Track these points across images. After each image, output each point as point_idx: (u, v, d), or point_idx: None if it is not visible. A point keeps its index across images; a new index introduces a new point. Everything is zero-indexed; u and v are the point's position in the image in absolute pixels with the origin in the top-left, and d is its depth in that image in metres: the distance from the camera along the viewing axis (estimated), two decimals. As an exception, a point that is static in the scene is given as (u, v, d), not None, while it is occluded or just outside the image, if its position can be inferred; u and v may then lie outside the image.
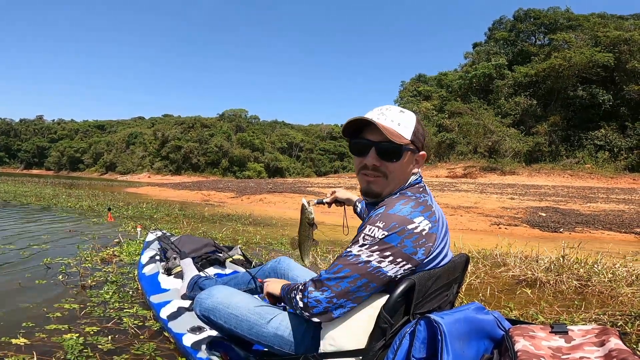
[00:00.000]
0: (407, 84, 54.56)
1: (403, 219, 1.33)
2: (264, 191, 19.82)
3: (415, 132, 1.45)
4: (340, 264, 1.35)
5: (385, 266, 1.32)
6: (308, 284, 1.42)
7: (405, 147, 1.43)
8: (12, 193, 13.66)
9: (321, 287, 1.36)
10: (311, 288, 1.39)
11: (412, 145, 1.45)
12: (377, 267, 1.31)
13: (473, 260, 4.47)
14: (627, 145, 32.12)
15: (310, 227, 1.95)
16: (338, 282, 1.34)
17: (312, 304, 1.37)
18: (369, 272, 1.32)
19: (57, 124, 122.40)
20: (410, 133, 1.44)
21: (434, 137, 39.33)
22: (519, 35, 46.14)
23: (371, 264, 1.31)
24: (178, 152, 78.46)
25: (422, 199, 1.43)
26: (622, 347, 1.12)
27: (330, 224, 10.34)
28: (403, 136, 1.42)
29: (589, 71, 34.52)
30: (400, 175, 1.47)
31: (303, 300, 1.40)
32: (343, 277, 1.33)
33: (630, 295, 3.15)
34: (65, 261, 4.08)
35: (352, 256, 1.34)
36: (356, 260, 1.32)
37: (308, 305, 1.38)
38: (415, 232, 1.33)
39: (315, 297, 1.37)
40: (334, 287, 1.34)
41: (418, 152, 1.50)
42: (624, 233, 9.79)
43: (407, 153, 1.45)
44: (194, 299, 1.79)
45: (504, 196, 15.90)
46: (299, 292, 1.44)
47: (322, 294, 1.36)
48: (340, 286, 1.34)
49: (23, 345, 2.18)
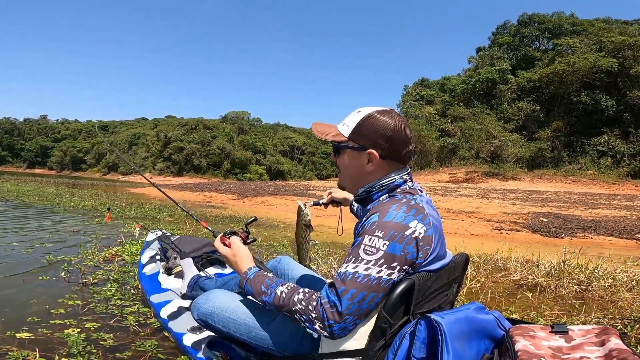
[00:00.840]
0: (410, 88, 54.61)
1: (400, 226, 1.33)
2: (265, 194, 19.83)
3: (355, 130, 1.49)
4: (353, 288, 1.32)
5: (394, 276, 1.34)
6: (324, 314, 1.35)
7: (341, 144, 1.53)
8: (15, 192, 13.69)
9: (342, 318, 1.33)
10: (332, 321, 1.34)
11: (352, 143, 1.50)
12: (389, 280, 1.33)
13: (474, 264, 4.47)
14: (630, 152, 32.06)
15: (307, 228, 1.95)
16: (358, 308, 1.33)
17: (338, 334, 1.36)
18: (383, 287, 1.33)
19: (60, 124, 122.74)
20: (348, 131, 1.50)
21: (436, 142, 39.30)
22: (522, 40, 46.18)
23: (382, 278, 1.32)
24: (180, 154, 78.62)
25: (413, 202, 1.42)
26: (622, 347, 1.12)
27: (330, 226, 10.34)
28: (342, 134, 1.51)
29: (592, 76, 34.51)
30: (351, 172, 1.56)
31: (327, 331, 1.36)
32: (361, 301, 1.32)
33: (630, 300, 3.15)
34: (67, 259, 4.10)
35: (361, 277, 1.32)
36: (369, 281, 1.32)
37: (335, 335, 1.36)
38: (414, 236, 1.34)
39: (339, 328, 1.34)
40: (355, 312, 1.33)
41: (363, 150, 1.49)
42: (625, 239, 9.77)
43: (346, 150, 1.54)
44: (193, 301, 1.79)
45: (505, 201, 15.87)
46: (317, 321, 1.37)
47: (344, 323, 1.34)
48: (361, 310, 1.33)
49: (27, 339, 2.20)
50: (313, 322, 1.37)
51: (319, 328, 1.36)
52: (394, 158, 1.49)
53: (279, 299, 1.44)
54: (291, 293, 1.43)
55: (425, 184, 26.92)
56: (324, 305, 1.36)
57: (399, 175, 1.50)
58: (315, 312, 1.37)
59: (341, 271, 1.37)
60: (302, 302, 1.40)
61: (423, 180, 31.44)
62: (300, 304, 1.40)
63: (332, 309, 1.34)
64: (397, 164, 1.51)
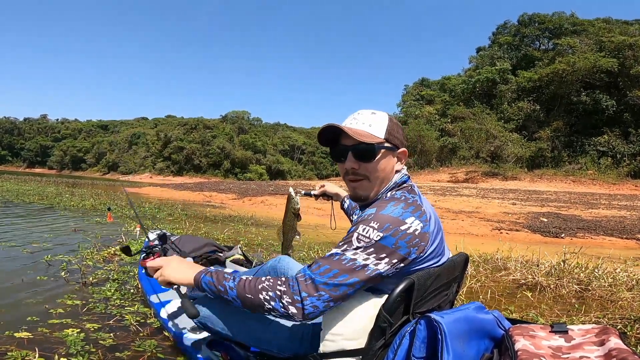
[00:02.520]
0: (410, 87, 54.60)
1: (396, 220, 1.33)
2: (265, 193, 19.82)
3: (389, 130, 1.48)
4: (336, 268, 1.30)
5: (381, 267, 1.31)
6: (296, 286, 1.31)
7: (378, 145, 1.46)
8: (15, 191, 13.70)
9: (317, 292, 1.29)
10: (305, 293, 1.29)
11: (387, 143, 1.48)
12: (375, 270, 1.31)
13: (474, 264, 4.47)
14: (630, 152, 32.03)
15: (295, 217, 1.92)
16: (336, 287, 1.29)
17: (308, 310, 1.30)
18: (367, 275, 1.30)
19: (60, 124, 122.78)
20: (383, 131, 1.46)
21: (436, 142, 39.28)
22: (523, 39, 46.14)
23: (368, 267, 1.30)
24: (180, 153, 78.57)
25: (411, 200, 1.43)
26: (622, 347, 1.12)
27: (330, 226, 10.31)
28: (375, 135, 1.45)
29: (592, 76, 34.48)
30: (382, 175, 1.49)
31: (296, 306, 1.30)
32: (341, 282, 1.29)
33: (630, 299, 3.15)
34: (66, 259, 4.10)
35: (347, 260, 1.30)
36: (353, 265, 1.30)
37: (304, 312, 1.30)
38: (408, 232, 1.33)
39: (312, 303, 1.29)
40: (332, 291, 1.29)
41: (397, 149, 1.51)
42: (625, 239, 9.77)
43: (382, 151, 1.47)
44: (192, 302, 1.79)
45: (505, 201, 15.87)
46: (285, 295, 1.31)
47: (318, 299, 1.29)
48: (339, 290, 1.30)
49: (26, 339, 2.20)
50: (280, 298, 1.31)
51: (286, 303, 1.30)
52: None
53: (243, 281, 1.38)
54: (258, 277, 1.40)
55: (425, 183, 26.92)
56: (298, 278, 1.32)
57: (406, 173, 1.57)
58: (284, 285, 1.33)
59: (329, 252, 1.35)
60: (269, 280, 1.36)
61: (423, 180, 31.43)
62: (268, 282, 1.36)
63: (306, 282, 1.30)
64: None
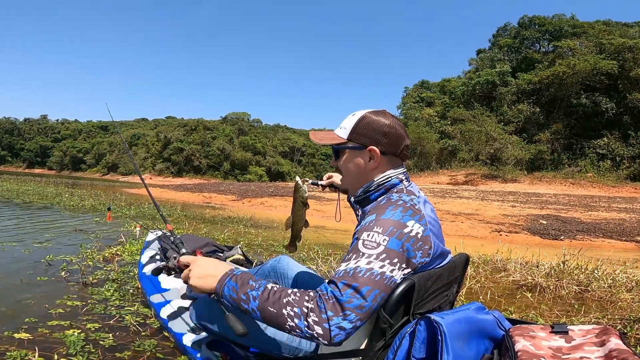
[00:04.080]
0: (410, 90, 54.65)
1: (398, 223, 1.31)
2: (265, 195, 19.83)
3: (354, 129, 1.51)
4: (355, 282, 1.21)
5: (395, 274, 1.27)
6: (322, 305, 1.21)
7: (338, 146, 1.56)
8: (15, 191, 13.69)
9: (343, 312, 1.19)
10: (331, 313, 1.19)
11: (351, 143, 1.52)
12: (391, 277, 1.25)
13: (474, 265, 4.47)
14: (630, 154, 32.06)
15: (303, 206, 1.92)
16: (362, 303, 1.20)
17: (335, 332, 1.18)
18: (386, 284, 1.24)
19: (60, 124, 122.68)
20: (347, 133, 1.52)
21: (436, 144, 39.29)
22: (523, 42, 46.19)
23: (386, 275, 1.24)
24: (180, 154, 78.49)
25: (409, 203, 1.41)
26: (622, 347, 1.12)
27: (330, 227, 10.33)
28: (340, 137, 1.54)
29: (592, 79, 34.52)
30: (352, 173, 1.56)
31: (323, 326, 1.18)
32: (365, 296, 1.20)
33: (629, 300, 3.15)
34: (66, 259, 4.10)
35: (363, 270, 1.23)
36: (372, 275, 1.23)
37: (331, 335, 1.18)
38: (412, 235, 1.32)
39: (337, 324, 1.18)
40: (358, 309, 1.20)
41: (363, 148, 1.51)
42: (624, 241, 9.78)
43: (346, 151, 1.55)
44: (192, 303, 1.79)
45: (505, 203, 15.87)
46: (312, 313, 1.20)
47: (344, 318, 1.18)
48: (365, 308, 1.20)
49: (26, 340, 2.19)
50: (307, 316, 1.20)
51: (312, 322, 1.19)
52: (393, 153, 1.51)
53: (268, 291, 1.28)
54: (283, 289, 1.29)
55: (425, 185, 26.92)
56: (322, 297, 1.22)
57: (395, 173, 1.51)
58: (312, 302, 1.22)
59: (341, 268, 1.27)
60: (296, 294, 1.26)
61: (423, 182, 31.44)
62: (294, 295, 1.25)
63: (331, 300, 1.20)
64: (397, 160, 1.53)
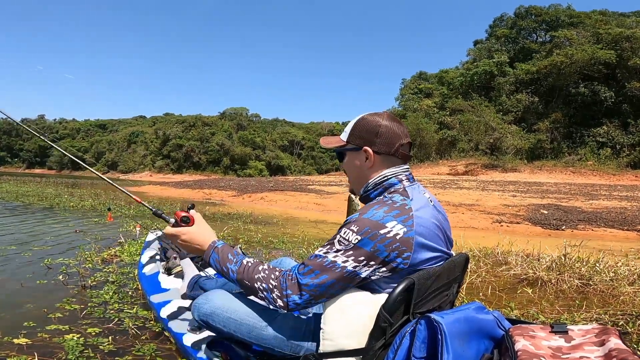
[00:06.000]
0: (408, 81, 54.47)
1: (375, 224, 1.38)
2: (265, 189, 19.84)
3: (351, 132, 1.61)
4: (317, 269, 1.41)
5: (359, 269, 1.39)
6: (284, 283, 1.45)
7: (339, 148, 1.67)
8: (14, 193, 13.67)
9: (299, 292, 1.42)
10: (290, 291, 1.43)
11: (349, 145, 1.62)
12: (353, 271, 1.39)
13: (474, 258, 4.46)
14: (630, 142, 32.05)
15: None
16: (316, 287, 1.41)
17: (291, 306, 1.45)
18: (346, 276, 1.40)
19: (58, 124, 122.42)
20: (346, 136, 1.63)
21: (435, 135, 39.28)
22: (520, 32, 46.08)
23: (347, 269, 1.39)
24: (179, 151, 78.49)
25: (399, 204, 1.45)
26: (622, 347, 1.11)
27: (332, 222, 10.34)
28: (341, 140, 1.65)
29: (590, 68, 34.44)
30: (353, 173, 1.65)
31: (283, 300, 1.44)
32: (321, 283, 1.40)
33: (632, 294, 3.14)
34: (66, 261, 4.08)
35: (328, 262, 1.40)
36: (333, 267, 1.39)
37: (288, 306, 1.45)
38: (388, 236, 1.37)
39: (294, 300, 1.43)
40: (312, 292, 1.41)
41: (359, 149, 1.59)
42: (626, 230, 9.79)
43: (347, 153, 1.66)
44: (193, 301, 1.79)
45: (505, 193, 15.88)
46: (275, 289, 1.46)
47: (300, 297, 1.42)
48: (318, 291, 1.41)
49: (25, 345, 2.19)
50: (271, 291, 1.46)
51: (275, 297, 1.45)
52: (388, 152, 1.55)
53: (244, 267, 1.52)
54: (257, 264, 1.53)
55: (425, 176, 26.91)
56: (286, 276, 1.46)
57: (394, 173, 1.55)
58: (276, 280, 1.47)
59: (315, 253, 1.47)
60: (265, 271, 1.50)
61: (423, 173, 31.45)
62: (264, 272, 1.49)
63: (292, 280, 1.44)
64: (394, 159, 1.57)
